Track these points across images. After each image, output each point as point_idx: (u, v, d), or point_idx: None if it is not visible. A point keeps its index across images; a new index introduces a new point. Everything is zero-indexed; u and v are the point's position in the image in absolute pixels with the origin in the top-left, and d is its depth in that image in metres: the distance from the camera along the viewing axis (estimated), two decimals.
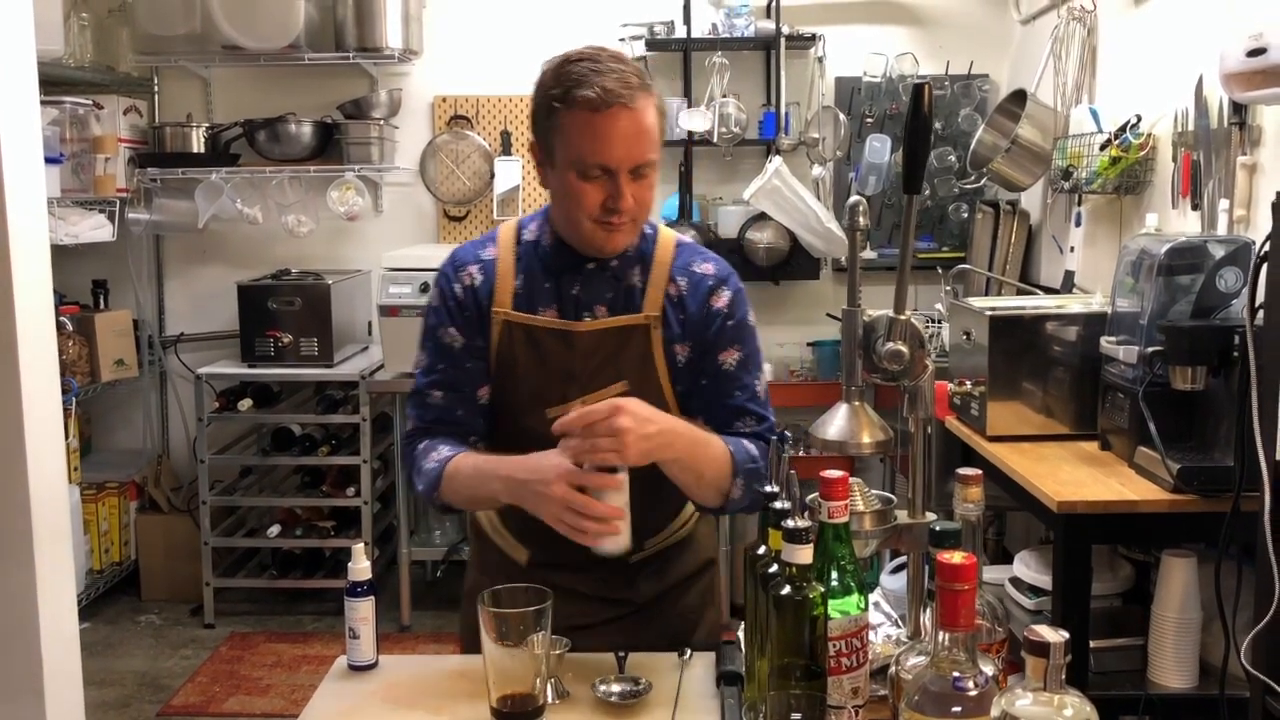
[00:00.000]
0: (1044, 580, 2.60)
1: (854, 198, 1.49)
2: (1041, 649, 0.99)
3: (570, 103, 1.55)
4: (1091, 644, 2.37)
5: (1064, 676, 1.00)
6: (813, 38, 4.32)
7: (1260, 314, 1.86)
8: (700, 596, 1.85)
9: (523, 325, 1.68)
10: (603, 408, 1.48)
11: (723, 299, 1.72)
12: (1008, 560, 2.97)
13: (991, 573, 2.84)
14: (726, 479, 1.62)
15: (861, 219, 1.45)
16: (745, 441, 1.67)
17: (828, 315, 4.37)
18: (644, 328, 1.68)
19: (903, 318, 1.44)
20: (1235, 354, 2.22)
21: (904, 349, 1.44)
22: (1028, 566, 2.70)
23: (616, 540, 1.49)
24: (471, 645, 1.63)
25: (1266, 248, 1.83)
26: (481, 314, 1.69)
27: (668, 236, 1.75)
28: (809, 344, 4.46)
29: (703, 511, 1.79)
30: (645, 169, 1.59)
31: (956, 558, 1.09)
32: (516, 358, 1.68)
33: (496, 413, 1.73)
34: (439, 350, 1.71)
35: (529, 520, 1.67)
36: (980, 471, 1.36)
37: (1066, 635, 1.00)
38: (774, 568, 1.28)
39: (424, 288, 3.80)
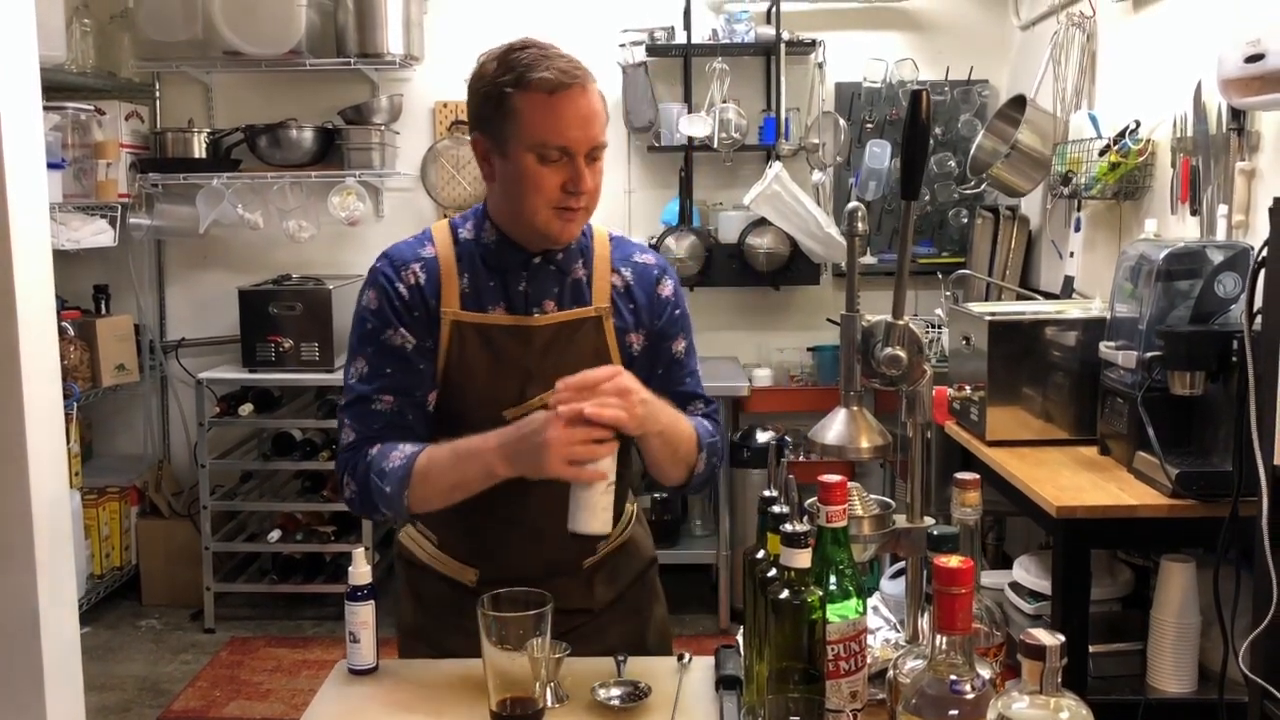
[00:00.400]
0: (1044, 585, 2.60)
1: (852, 203, 1.50)
2: (1037, 652, 0.99)
3: (525, 85, 1.56)
4: (1091, 649, 2.37)
5: (1060, 680, 1.00)
6: (813, 43, 4.33)
7: (1258, 319, 1.87)
8: (647, 595, 1.86)
9: (475, 325, 1.64)
10: (604, 371, 1.49)
11: (668, 288, 1.75)
12: (1008, 565, 2.97)
13: (991, 577, 2.84)
14: (694, 454, 1.66)
15: (860, 225, 1.46)
16: (700, 419, 1.72)
17: (828, 320, 4.38)
18: (596, 319, 1.68)
19: (901, 323, 1.45)
20: (1234, 359, 2.22)
21: (902, 354, 1.44)
22: (1027, 571, 2.70)
23: (604, 519, 1.48)
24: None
25: (1264, 253, 1.84)
26: (429, 314, 1.64)
27: (600, 229, 1.76)
28: (809, 349, 4.47)
29: (669, 491, 1.77)
30: (598, 152, 1.60)
31: (953, 562, 1.09)
32: (469, 359, 1.64)
33: (441, 422, 1.66)
34: (384, 353, 1.64)
35: (474, 538, 1.69)
36: (977, 476, 1.36)
37: (1062, 639, 1.00)
38: (772, 572, 1.28)
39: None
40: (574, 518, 1.48)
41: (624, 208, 4.51)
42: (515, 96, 1.57)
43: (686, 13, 4.27)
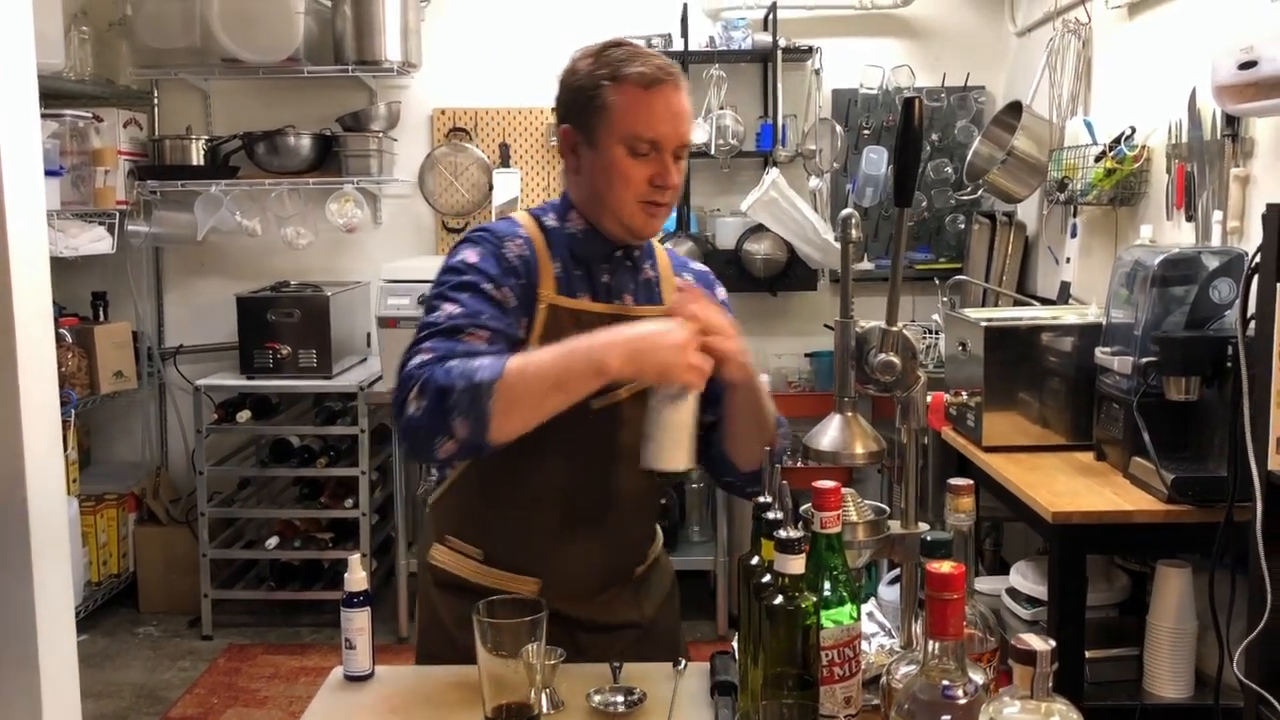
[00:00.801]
0: (1040, 590, 2.60)
1: (846, 210, 1.50)
2: (1029, 657, 1.00)
3: (621, 79, 1.59)
4: (1087, 654, 2.37)
5: (1051, 685, 1.00)
6: (809, 50, 4.34)
7: (1252, 325, 1.87)
8: (675, 613, 1.87)
9: (571, 310, 1.62)
10: (719, 316, 1.51)
11: (721, 293, 1.81)
12: (1005, 571, 2.97)
13: (988, 583, 2.85)
14: (774, 430, 1.67)
15: (854, 231, 1.46)
16: None
17: (825, 326, 4.38)
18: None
19: (895, 329, 1.45)
20: (1229, 364, 2.22)
21: (896, 360, 1.45)
22: (1024, 577, 2.70)
23: (685, 455, 1.50)
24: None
25: (1258, 259, 1.84)
26: (528, 289, 1.60)
27: (658, 243, 1.82)
28: (807, 355, 4.48)
29: (732, 483, 1.73)
30: (684, 150, 1.63)
31: (945, 567, 1.10)
32: None
33: None
34: (482, 298, 1.56)
35: (530, 547, 1.67)
36: (971, 482, 1.37)
37: (1053, 643, 1.00)
38: (767, 578, 1.29)
39: (423, 300, 3.80)
40: (657, 451, 1.49)
41: None
42: (610, 90, 1.59)
43: (684, 20, 4.28)
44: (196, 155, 4.38)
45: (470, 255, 1.61)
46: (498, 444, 1.46)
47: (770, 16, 4.30)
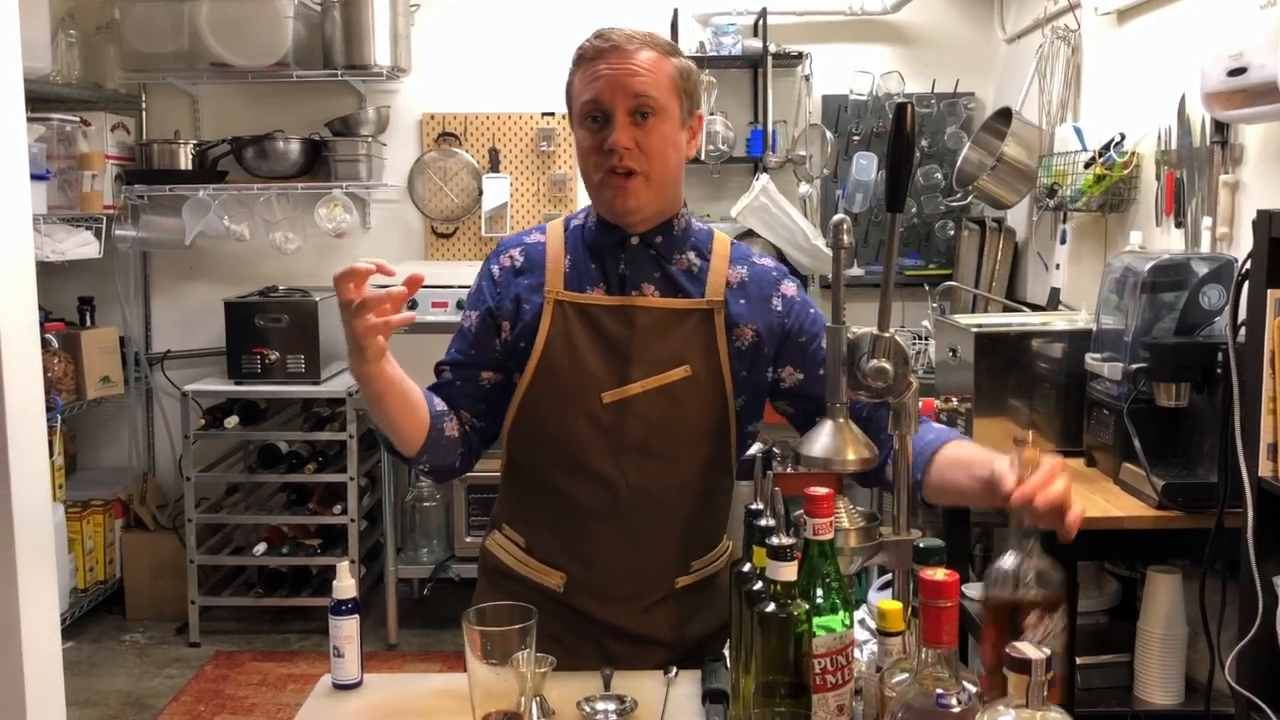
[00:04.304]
0: None
1: (838, 216, 1.50)
2: (1023, 666, 0.99)
3: (576, 61, 1.63)
4: (1078, 661, 2.37)
5: (1046, 693, 1.00)
6: (799, 56, 4.34)
7: (1242, 331, 1.88)
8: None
9: (576, 304, 1.63)
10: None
11: (790, 287, 1.73)
12: None
13: (978, 589, 2.84)
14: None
15: (845, 237, 1.45)
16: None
17: None
18: (707, 311, 1.65)
19: (886, 335, 1.44)
20: (1219, 371, 2.23)
21: (888, 366, 1.44)
22: None
23: None
24: None
25: (1248, 265, 1.84)
26: (519, 292, 1.66)
27: (722, 235, 1.75)
28: None
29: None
30: (644, 110, 1.57)
31: (939, 575, 1.09)
32: (572, 338, 1.62)
33: (539, 401, 1.64)
34: (460, 336, 1.72)
35: (563, 537, 1.66)
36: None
37: (1049, 652, 1.00)
38: (759, 585, 1.28)
39: (412, 305, 3.77)
40: None
41: None
42: (572, 73, 1.64)
43: (674, 25, 4.28)
44: (185, 160, 4.36)
45: (472, 288, 1.74)
46: (420, 458, 1.64)
47: (760, 22, 4.31)
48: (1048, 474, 1.33)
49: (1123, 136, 3.04)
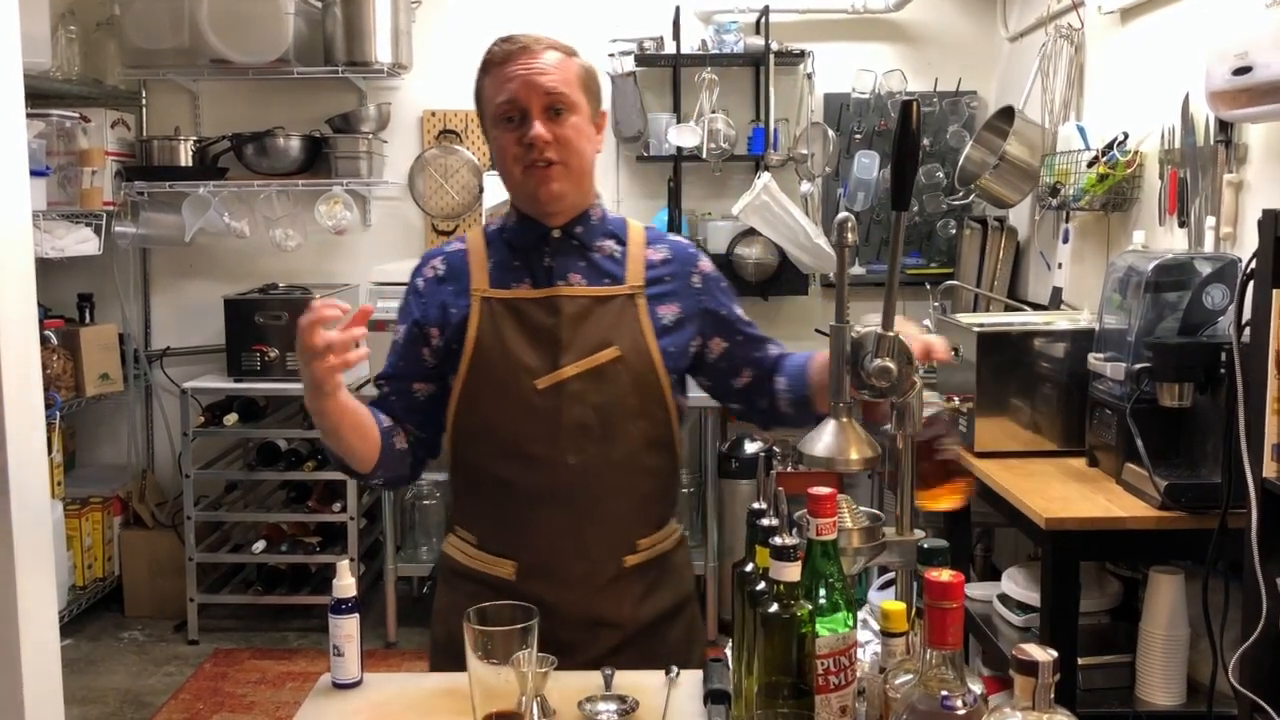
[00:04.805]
0: (1032, 597, 2.59)
1: (842, 214, 1.49)
2: (1030, 668, 0.98)
3: (483, 67, 1.71)
4: (1079, 661, 2.36)
5: (1053, 695, 0.99)
6: (801, 54, 4.33)
7: (1247, 331, 1.87)
8: (686, 631, 1.81)
9: (502, 300, 1.71)
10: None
11: (706, 263, 1.82)
12: (996, 577, 2.96)
13: (980, 589, 2.84)
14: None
15: (850, 235, 1.45)
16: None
17: (816, 331, 4.37)
18: (628, 296, 1.72)
19: (890, 334, 1.44)
20: (1222, 371, 2.22)
21: (892, 365, 1.43)
22: (1016, 583, 2.69)
23: None
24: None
25: (1253, 265, 1.84)
26: (444, 300, 1.74)
27: (635, 223, 1.83)
28: None
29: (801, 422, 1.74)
30: (558, 106, 1.66)
31: (945, 576, 1.08)
32: (501, 332, 1.69)
33: (478, 393, 1.70)
34: (393, 350, 1.79)
35: (511, 528, 1.71)
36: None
37: (1055, 654, 0.99)
38: (761, 585, 1.27)
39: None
40: None
41: None
42: (481, 81, 1.72)
43: (676, 23, 4.27)
44: (185, 156, 4.35)
45: (406, 297, 1.80)
46: (375, 474, 1.72)
47: (762, 20, 4.30)
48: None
49: (1126, 135, 3.03)
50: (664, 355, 1.72)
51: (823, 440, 1.46)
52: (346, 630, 1.58)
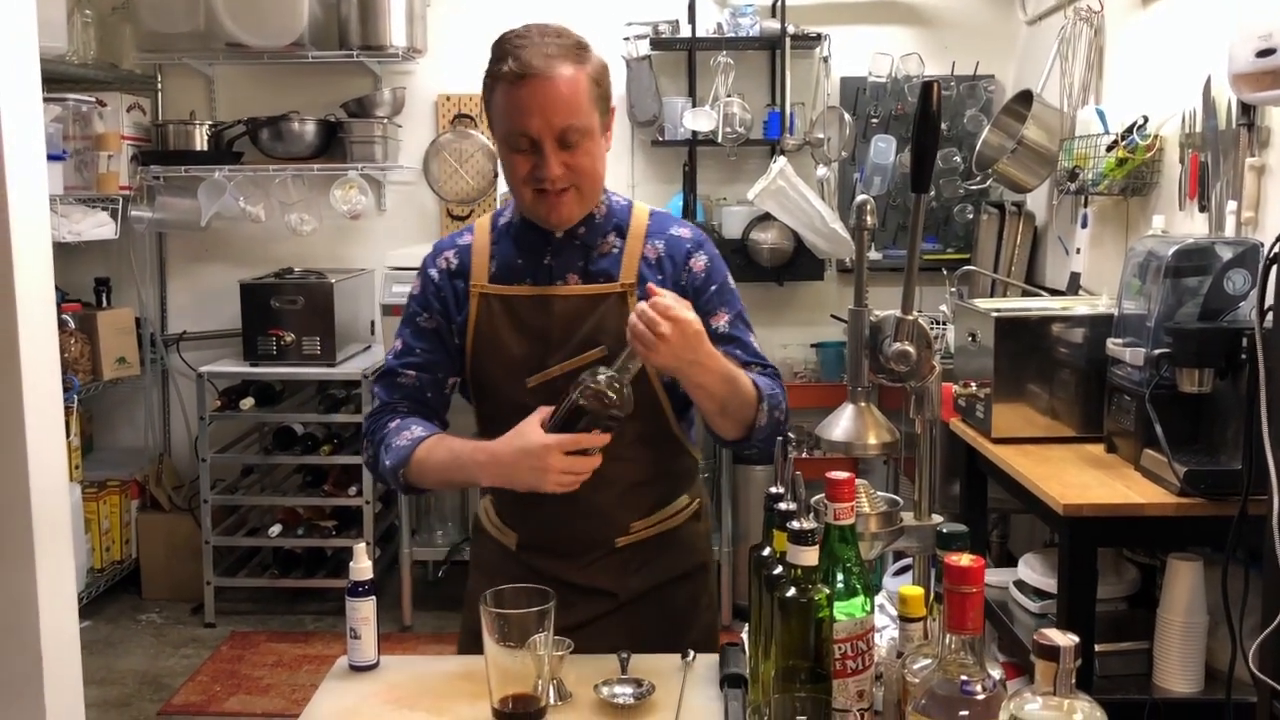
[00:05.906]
0: (1049, 583, 2.59)
1: (861, 197, 1.48)
2: (1051, 653, 0.98)
3: (497, 78, 1.62)
4: (1097, 648, 2.35)
5: (1074, 681, 0.98)
6: (818, 37, 4.30)
7: (1269, 316, 1.85)
8: (689, 600, 1.83)
9: (499, 296, 1.72)
10: (669, 305, 1.50)
11: (700, 262, 1.75)
12: (1012, 563, 2.95)
13: (996, 575, 2.83)
14: (751, 405, 1.64)
15: (869, 218, 1.44)
16: (759, 375, 1.70)
17: (832, 316, 4.36)
18: (620, 294, 1.70)
19: (910, 318, 1.43)
20: (1243, 356, 2.20)
21: (911, 349, 1.42)
22: (1033, 569, 2.68)
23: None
24: (469, 648, 1.65)
25: (1276, 250, 1.82)
26: (457, 294, 1.75)
27: (641, 207, 1.80)
28: (813, 345, 4.45)
29: (724, 444, 1.74)
30: (571, 136, 1.61)
31: (964, 560, 1.08)
32: (496, 329, 1.71)
33: (477, 391, 1.77)
34: (416, 334, 1.78)
35: (519, 502, 1.72)
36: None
37: (1076, 639, 0.98)
38: (779, 569, 1.27)
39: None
40: None
41: None
42: (490, 86, 1.65)
43: (691, 6, 4.24)
44: (200, 140, 4.36)
45: (415, 286, 1.80)
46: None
47: (778, 3, 4.27)
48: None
49: (1146, 119, 3.00)
50: None
51: (840, 425, 1.46)
52: (363, 613, 1.58)
